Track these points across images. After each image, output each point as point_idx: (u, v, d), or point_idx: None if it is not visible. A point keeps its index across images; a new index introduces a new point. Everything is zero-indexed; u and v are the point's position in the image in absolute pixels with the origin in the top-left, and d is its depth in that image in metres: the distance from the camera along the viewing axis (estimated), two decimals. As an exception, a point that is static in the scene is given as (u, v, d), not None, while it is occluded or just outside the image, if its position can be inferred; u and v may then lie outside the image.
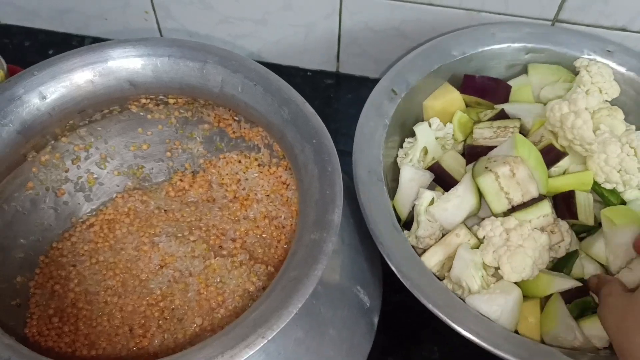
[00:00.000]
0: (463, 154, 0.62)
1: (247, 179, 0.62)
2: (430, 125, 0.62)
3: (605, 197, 0.57)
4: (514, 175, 0.53)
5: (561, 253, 0.54)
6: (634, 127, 0.60)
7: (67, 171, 0.60)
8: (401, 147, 0.63)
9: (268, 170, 0.62)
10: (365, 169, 0.55)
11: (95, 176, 0.62)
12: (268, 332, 0.39)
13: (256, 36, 0.77)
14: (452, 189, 0.56)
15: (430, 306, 0.48)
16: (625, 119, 0.59)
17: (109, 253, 0.59)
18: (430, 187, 0.59)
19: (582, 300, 0.53)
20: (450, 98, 0.64)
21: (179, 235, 0.59)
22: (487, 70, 0.66)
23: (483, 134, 0.61)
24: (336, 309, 0.49)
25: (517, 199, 0.53)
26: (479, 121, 0.63)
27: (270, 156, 0.61)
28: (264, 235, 0.60)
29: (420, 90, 0.63)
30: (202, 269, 0.57)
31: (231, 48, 0.78)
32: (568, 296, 0.53)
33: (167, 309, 0.55)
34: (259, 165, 0.62)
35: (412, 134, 0.62)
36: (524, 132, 0.61)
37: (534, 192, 0.54)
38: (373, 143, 0.57)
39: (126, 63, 0.54)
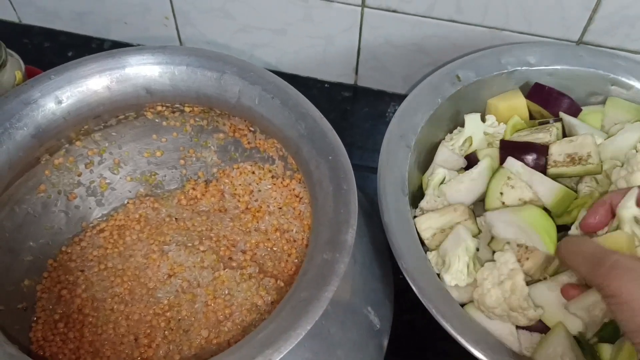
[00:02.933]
0: None
1: (259, 191, 0.62)
2: (485, 121, 0.62)
3: None
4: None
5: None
6: None
7: (79, 175, 0.60)
8: (451, 132, 0.63)
9: (281, 183, 0.61)
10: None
11: (107, 181, 0.62)
12: (275, 354, 0.38)
13: (274, 46, 0.77)
14: (467, 171, 0.57)
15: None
16: None
17: (117, 259, 0.59)
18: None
19: None
20: (516, 103, 0.63)
21: (189, 244, 0.59)
22: (566, 90, 0.63)
23: (522, 133, 0.60)
24: (346, 331, 0.48)
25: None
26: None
27: (285, 168, 0.60)
28: (274, 249, 0.59)
29: (487, 85, 0.63)
30: (210, 280, 0.56)
31: (249, 57, 0.78)
32: None
33: (174, 319, 0.55)
34: (272, 177, 0.62)
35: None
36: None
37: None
38: (415, 118, 0.59)
39: (143, 70, 0.54)
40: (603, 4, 0.63)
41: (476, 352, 0.46)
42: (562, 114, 0.61)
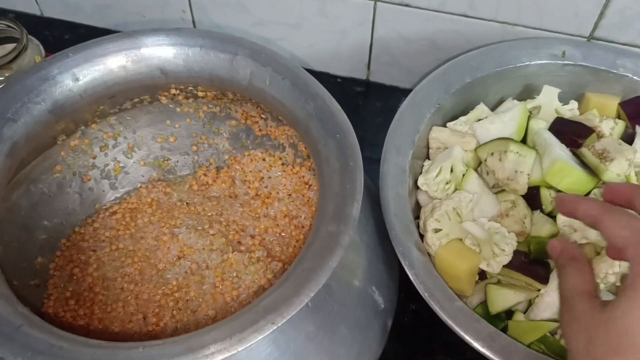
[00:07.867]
0: None
1: (270, 177, 0.63)
2: (565, 104, 0.62)
3: None
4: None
5: None
6: None
7: (94, 158, 0.61)
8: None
9: (291, 170, 0.62)
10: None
11: (121, 165, 0.63)
12: (278, 319, 0.39)
13: (289, 40, 0.78)
14: (501, 113, 0.60)
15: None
16: None
17: (129, 241, 0.60)
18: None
19: None
20: (607, 103, 0.62)
21: (199, 228, 0.60)
22: None
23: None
24: (349, 308, 0.48)
25: None
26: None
27: (295, 156, 0.61)
28: (282, 234, 0.59)
29: (591, 76, 0.63)
30: (219, 263, 0.57)
31: (264, 51, 0.80)
32: None
33: (182, 299, 0.56)
34: (282, 164, 0.62)
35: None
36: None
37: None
38: (484, 65, 0.63)
39: (158, 51, 0.55)
40: (614, -2, 0.63)
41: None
42: (637, 127, 0.59)
